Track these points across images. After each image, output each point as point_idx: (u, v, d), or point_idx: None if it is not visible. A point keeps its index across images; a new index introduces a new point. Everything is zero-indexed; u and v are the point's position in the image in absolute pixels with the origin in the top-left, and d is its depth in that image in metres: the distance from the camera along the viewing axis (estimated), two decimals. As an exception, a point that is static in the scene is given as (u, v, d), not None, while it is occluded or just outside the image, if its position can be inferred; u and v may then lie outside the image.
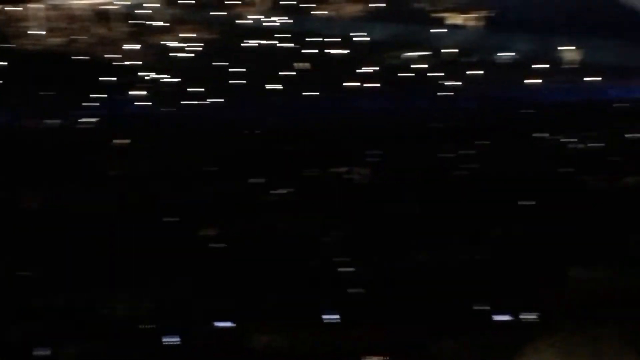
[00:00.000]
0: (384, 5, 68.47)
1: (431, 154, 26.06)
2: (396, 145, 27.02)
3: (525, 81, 46.08)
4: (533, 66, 50.64)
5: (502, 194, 19.23)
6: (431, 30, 60.67)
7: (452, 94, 44.03)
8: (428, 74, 51.47)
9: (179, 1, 49.08)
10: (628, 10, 52.45)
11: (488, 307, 14.56)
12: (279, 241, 18.23)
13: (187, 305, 15.13)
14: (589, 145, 25.46)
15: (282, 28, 60.46)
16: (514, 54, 57.55)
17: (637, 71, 45.38)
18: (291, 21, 60.63)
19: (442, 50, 57.67)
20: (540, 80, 46.16)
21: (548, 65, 50.58)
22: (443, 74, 50.15)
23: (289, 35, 58.54)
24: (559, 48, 53.50)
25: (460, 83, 47.22)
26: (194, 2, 47.44)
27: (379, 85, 47.25)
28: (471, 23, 69.71)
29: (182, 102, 30.53)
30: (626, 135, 27.53)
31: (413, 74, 51.79)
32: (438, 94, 43.68)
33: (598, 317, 14.42)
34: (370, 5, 68.92)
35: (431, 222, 17.03)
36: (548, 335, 13.35)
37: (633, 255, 15.59)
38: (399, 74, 51.43)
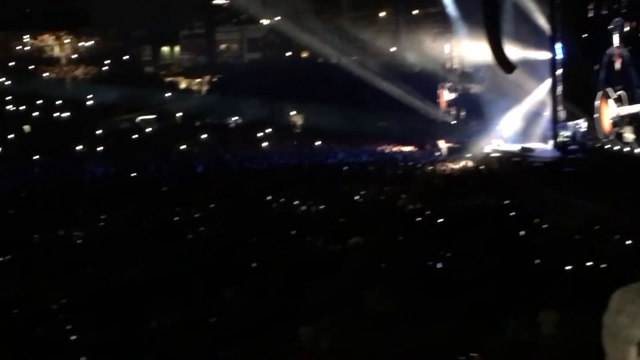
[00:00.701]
0: (113, 68, 67.66)
1: (163, 214, 26.00)
2: (126, 206, 26.83)
3: (254, 145, 47.20)
4: (261, 130, 52.01)
5: (228, 256, 19.51)
6: (161, 94, 60.90)
7: (182, 156, 44.29)
8: (157, 137, 51.45)
9: None
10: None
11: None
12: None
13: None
14: (317, 207, 26.32)
15: (6, 89, 58.35)
16: (241, 118, 58.69)
17: (360, 136, 47.69)
18: (16, 83, 58.57)
19: (172, 114, 58.02)
20: (267, 144, 47.46)
21: (274, 129, 52.07)
22: (173, 137, 50.43)
23: (13, 97, 56.68)
24: (285, 113, 55.25)
25: (189, 146, 47.67)
26: None
27: (107, 148, 46.72)
28: (199, 87, 70.25)
29: None
30: (353, 198, 28.65)
31: (142, 137, 51.62)
32: (168, 156, 43.80)
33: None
34: (98, 68, 68.08)
35: (154, 281, 16.98)
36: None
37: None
38: (128, 137, 51.05)
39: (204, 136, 51.20)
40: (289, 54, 72.82)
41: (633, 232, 21.25)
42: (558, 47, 38.28)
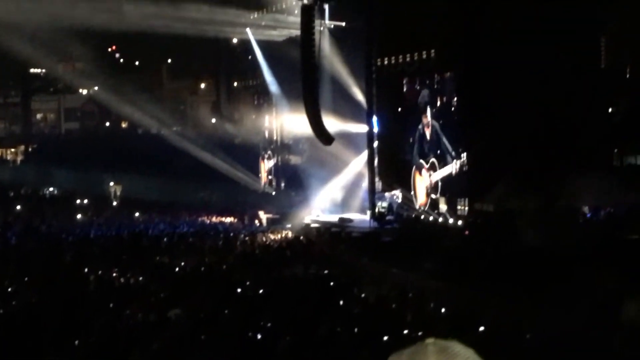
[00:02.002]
0: None
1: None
2: None
3: (71, 215, 45.96)
4: (77, 200, 50.77)
5: (42, 330, 18.91)
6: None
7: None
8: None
9: None
10: (161, 148, 54.73)
11: None
12: None
13: None
14: (136, 279, 25.82)
15: None
16: (57, 188, 57.19)
17: (181, 206, 47.31)
18: None
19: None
20: (85, 215, 46.33)
21: (92, 200, 50.96)
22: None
23: None
24: (104, 183, 54.21)
25: (3, 217, 45.89)
26: None
27: None
28: (14, 157, 68.08)
29: None
30: (174, 269, 28.27)
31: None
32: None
33: None
34: None
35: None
36: None
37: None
38: None
39: (18, 207, 49.47)
40: (107, 124, 71.84)
41: (446, 300, 21.93)
42: (374, 120, 39.47)
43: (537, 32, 31.50)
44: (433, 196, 35.36)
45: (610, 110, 36.48)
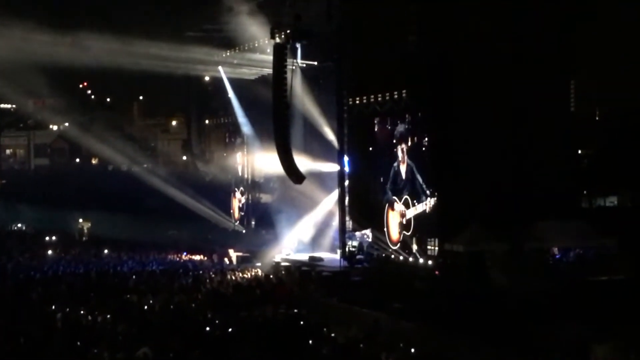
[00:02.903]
0: None
1: None
2: None
3: (38, 252, 45.47)
4: (45, 237, 50.28)
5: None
6: None
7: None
8: None
9: None
10: (137, 185, 54.48)
11: None
12: None
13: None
14: (104, 317, 25.57)
15: None
16: (25, 224, 56.63)
17: (150, 244, 47.00)
18: None
19: None
20: (52, 252, 45.84)
21: (60, 237, 50.50)
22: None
23: None
24: (72, 220, 53.78)
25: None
26: None
27: None
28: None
29: None
30: (142, 307, 28.04)
31: None
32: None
33: None
34: None
35: None
36: None
37: None
38: None
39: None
40: (77, 160, 71.49)
41: (416, 340, 21.87)
42: (345, 159, 39.53)
43: (508, 75, 31.81)
44: (406, 233, 35.36)
45: (579, 152, 36.83)
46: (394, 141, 36.20)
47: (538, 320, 21.67)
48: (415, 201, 34.64)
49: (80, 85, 71.34)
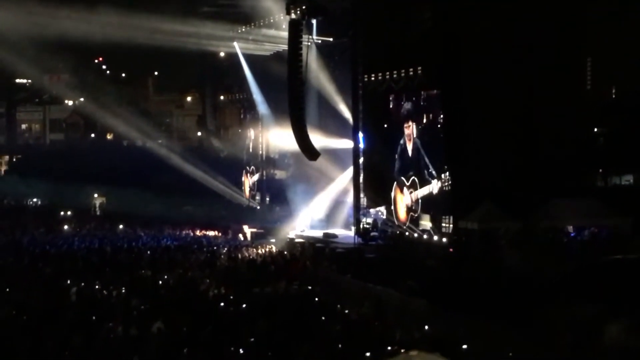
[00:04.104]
0: None
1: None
2: None
3: (54, 227, 45.67)
4: (60, 212, 50.49)
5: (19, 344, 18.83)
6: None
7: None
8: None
9: None
10: (153, 160, 54.61)
11: None
12: None
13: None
14: (119, 292, 25.67)
15: None
16: (40, 200, 56.88)
17: (164, 219, 47.12)
18: None
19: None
20: (68, 227, 46.04)
21: (76, 212, 50.69)
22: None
23: None
24: (88, 195, 53.98)
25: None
26: None
27: None
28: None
29: None
30: (156, 282, 28.13)
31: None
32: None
33: None
34: None
35: None
36: None
37: None
38: None
39: (0, 218, 49.13)
40: (92, 135, 71.60)
41: (429, 318, 21.90)
42: (360, 136, 39.46)
43: (524, 54, 31.61)
44: (413, 214, 35.33)
45: (595, 130, 36.63)
46: (404, 114, 36.15)
47: (551, 299, 21.61)
48: (422, 182, 34.57)
49: (95, 61, 71.31)
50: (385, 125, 38.00)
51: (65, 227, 46.08)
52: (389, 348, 17.93)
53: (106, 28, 45.16)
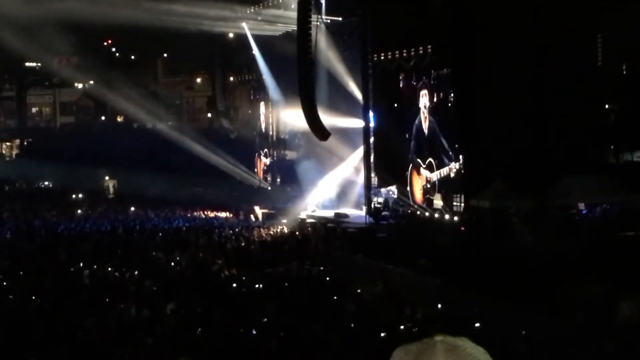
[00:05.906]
0: None
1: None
2: None
3: (65, 210, 45.79)
4: (71, 195, 50.63)
5: (33, 324, 18.90)
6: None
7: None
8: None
9: None
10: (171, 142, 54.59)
11: None
12: None
13: None
14: (131, 274, 25.76)
15: None
16: (52, 182, 57.04)
17: (176, 201, 47.21)
18: None
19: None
20: (80, 209, 46.18)
21: (87, 195, 50.82)
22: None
23: None
24: (99, 177, 54.09)
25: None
26: None
27: None
28: (9, 151, 67.90)
29: None
30: (168, 264, 28.22)
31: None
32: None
33: None
34: None
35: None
36: None
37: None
38: None
39: (12, 201, 49.29)
40: (103, 118, 71.72)
41: (441, 297, 21.91)
42: (371, 115, 39.35)
43: (534, 30, 31.42)
44: (429, 196, 35.27)
45: (606, 107, 36.46)
46: (417, 97, 36.05)
47: (563, 277, 21.59)
48: (439, 164, 34.49)
49: (105, 43, 71.31)
50: (396, 105, 37.90)
51: (77, 209, 46.21)
52: (402, 327, 17.95)
53: (115, 10, 45.11)
